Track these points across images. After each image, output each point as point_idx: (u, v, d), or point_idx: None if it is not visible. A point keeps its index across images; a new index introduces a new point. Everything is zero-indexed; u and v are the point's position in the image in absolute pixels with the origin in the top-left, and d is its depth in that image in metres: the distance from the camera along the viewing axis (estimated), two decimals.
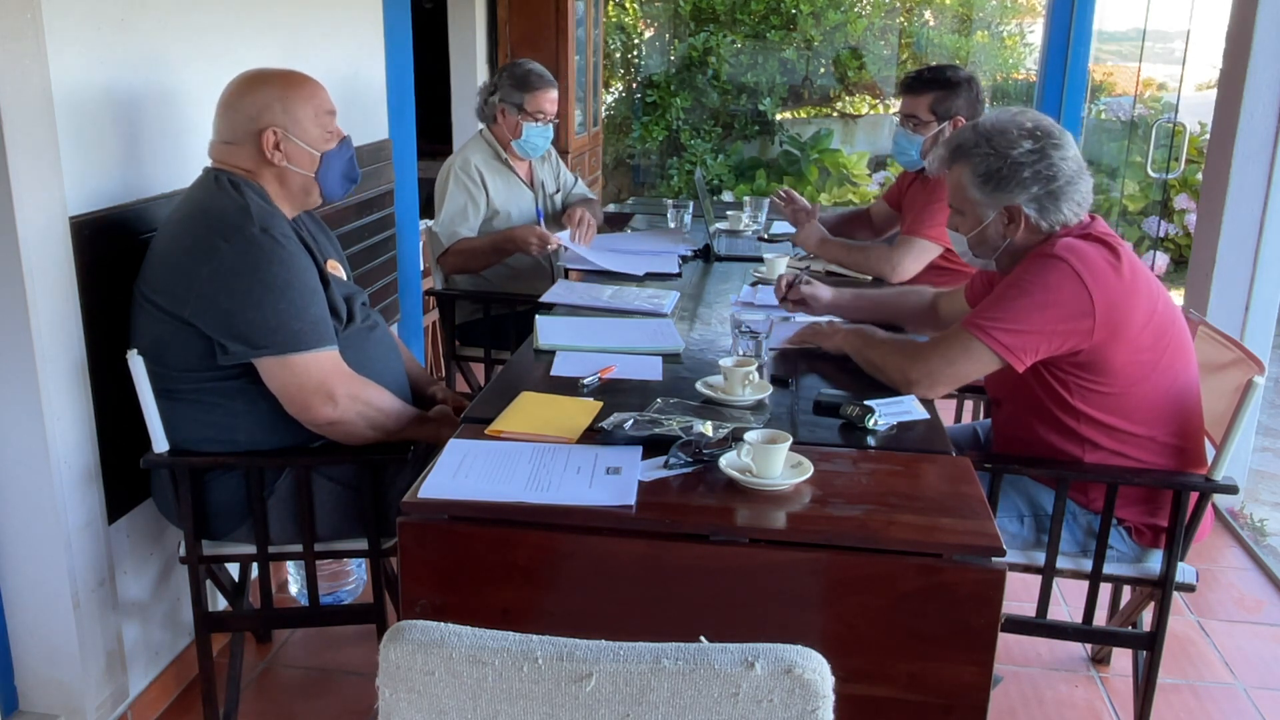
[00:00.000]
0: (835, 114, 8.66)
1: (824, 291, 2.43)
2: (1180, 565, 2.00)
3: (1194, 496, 1.96)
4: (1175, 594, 2.02)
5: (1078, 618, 2.69)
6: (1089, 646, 2.61)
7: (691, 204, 3.72)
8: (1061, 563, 2.03)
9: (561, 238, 3.17)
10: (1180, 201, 7.03)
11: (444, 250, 3.22)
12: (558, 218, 3.48)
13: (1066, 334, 1.87)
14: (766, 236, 3.59)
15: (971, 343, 1.92)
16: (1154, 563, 2.04)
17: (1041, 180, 1.94)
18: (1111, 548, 2.02)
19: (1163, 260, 6.82)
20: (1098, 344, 1.87)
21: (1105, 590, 2.42)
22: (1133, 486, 1.98)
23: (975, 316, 1.94)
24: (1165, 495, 1.97)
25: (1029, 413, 2.02)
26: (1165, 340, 1.93)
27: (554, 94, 3.29)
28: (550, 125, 3.29)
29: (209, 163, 2.05)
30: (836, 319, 2.38)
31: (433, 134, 5.25)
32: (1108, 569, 2.03)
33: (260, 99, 1.99)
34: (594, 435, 1.74)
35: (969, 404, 3.47)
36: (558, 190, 3.58)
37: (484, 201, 3.24)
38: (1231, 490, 1.95)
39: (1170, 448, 1.97)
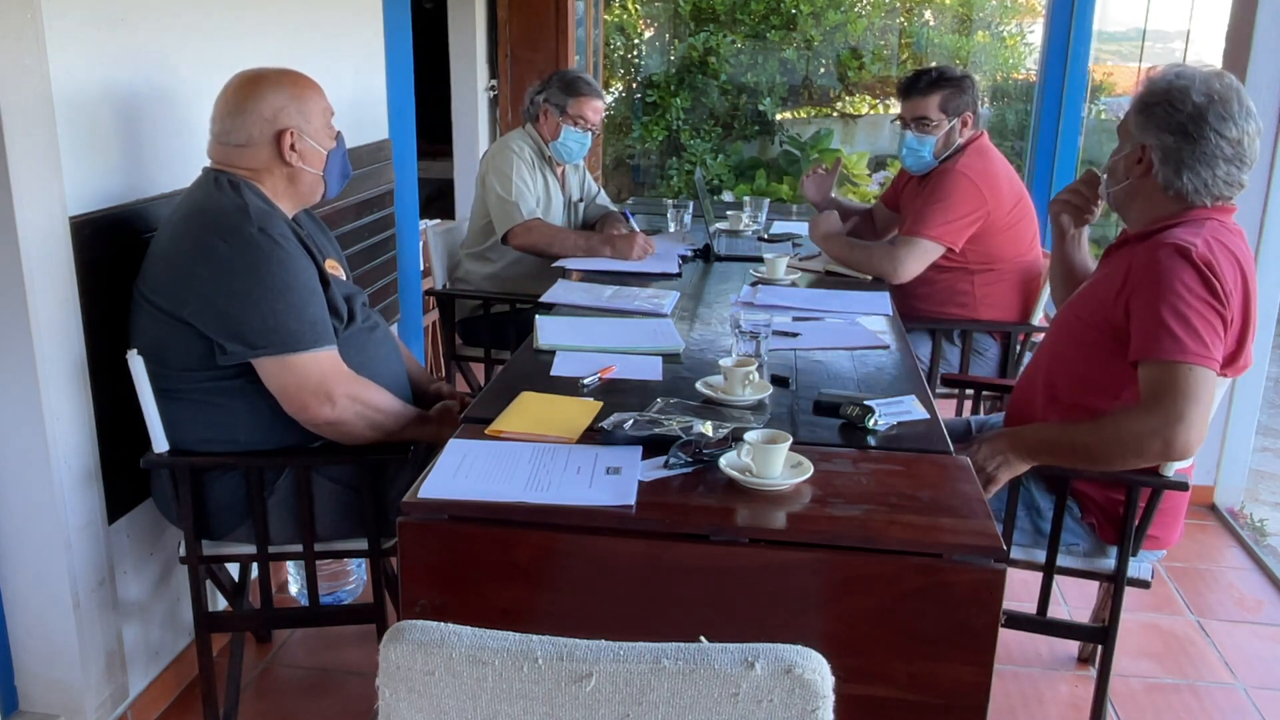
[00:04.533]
0: (835, 114, 8.65)
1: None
2: (1136, 562, 2.01)
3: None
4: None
5: (1076, 616, 2.70)
6: (1084, 646, 2.61)
7: (691, 204, 3.73)
8: (1015, 554, 2.05)
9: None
10: None
11: (518, 223, 3.19)
12: (579, 227, 3.51)
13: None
14: (766, 236, 3.59)
15: (1202, 374, 1.80)
16: (1112, 558, 2.05)
17: (1179, 133, 1.87)
18: (1075, 544, 2.05)
19: None
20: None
21: (1095, 586, 2.43)
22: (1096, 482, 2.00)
23: (1184, 352, 1.81)
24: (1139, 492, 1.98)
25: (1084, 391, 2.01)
26: (1238, 351, 1.91)
27: (598, 104, 3.34)
28: (588, 134, 3.34)
29: (207, 163, 2.05)
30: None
31: (433, 134, 5.26)
32: (1064, 562, 2.04)
33: (274, 101, 1.99)
34: (594, 435, 1.74)
35: (968, 404, 3.47)
36: (581, 199, 3.60)
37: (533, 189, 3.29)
38: (1181, 487, 1.95)
39: None
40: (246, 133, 1.98)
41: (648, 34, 8.85)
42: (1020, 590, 2.40)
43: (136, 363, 1.92)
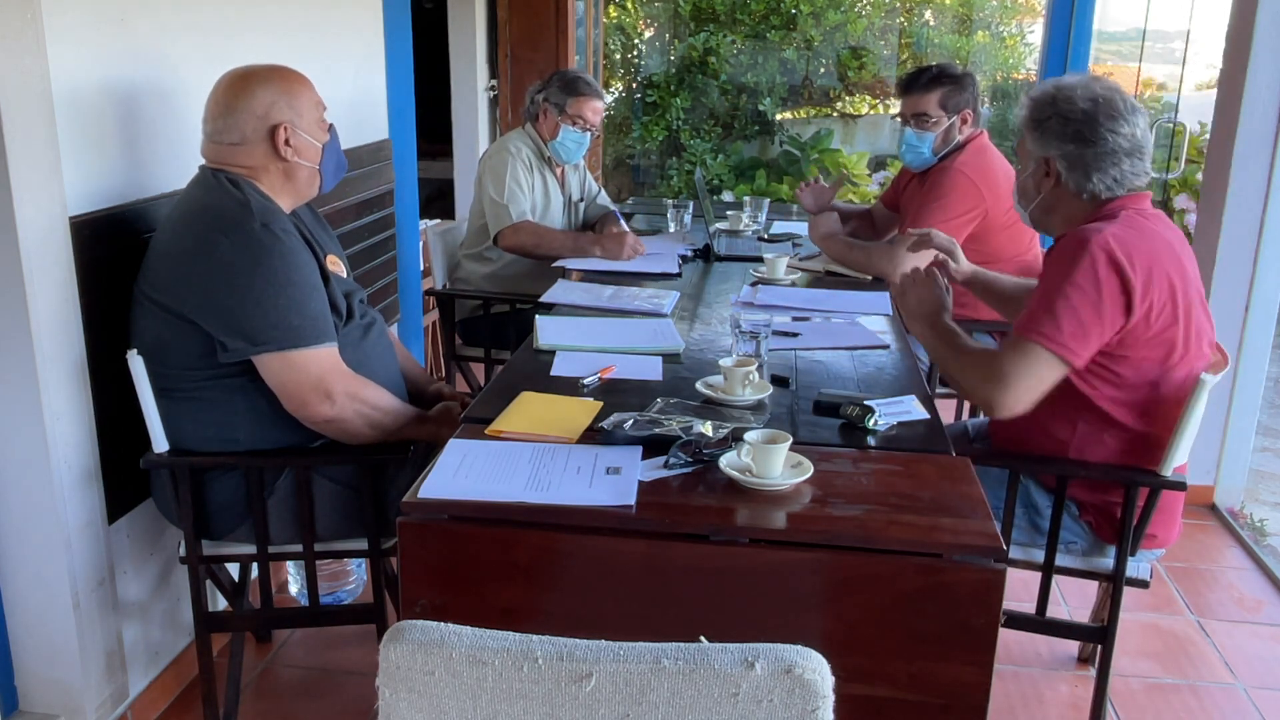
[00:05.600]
0: (835, 114, 8.65)
1: (966, 266, 2.54)
2: (1135, 561, 2.01)
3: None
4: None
5: (1075, 616, 2.70)
6: (1084, 646, 2.61)
7: (691, 204, 3.73)
8: (1014, 553, 2.05)
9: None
10: (1180, 201, 7.03)
11: (507, 225, 3.21)
12: (579, 227, 3.51)
13: (1113, 326, 1.87)
14: (766, 236, 3.59)
15: (1039, 353, 1.87)
16: (1110, 558, 2.04)
17: (1077, 139, 1.95)
18: (1074, 542, 2.04)
19: None
20: (1131, 328, 1.87)
21: (1095, 586, 2.43)
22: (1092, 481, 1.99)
23: (1030, 327, 1.89)
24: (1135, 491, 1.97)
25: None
26: (1187, 332, 1.91)
27: (597, 104, 3.34)
28: (587, 134, 3.34)
29: (203, 163, 2.05)
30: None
31: (433, 134, 5.26)
32: (1063, 561, 2.04)
33: (265, 96, 1.99)
34: (594, 435, 1.74)
35: (967, 404, 3.46)
36: (581, 199, 3.61)
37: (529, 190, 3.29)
38: (1179, 487, 1.94)
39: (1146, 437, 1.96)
40: (240, 131, 1.98)
41: (648, 34, 8.85)
42: (1020, 590, 2.40)
43: (136, 363, 1.92)
